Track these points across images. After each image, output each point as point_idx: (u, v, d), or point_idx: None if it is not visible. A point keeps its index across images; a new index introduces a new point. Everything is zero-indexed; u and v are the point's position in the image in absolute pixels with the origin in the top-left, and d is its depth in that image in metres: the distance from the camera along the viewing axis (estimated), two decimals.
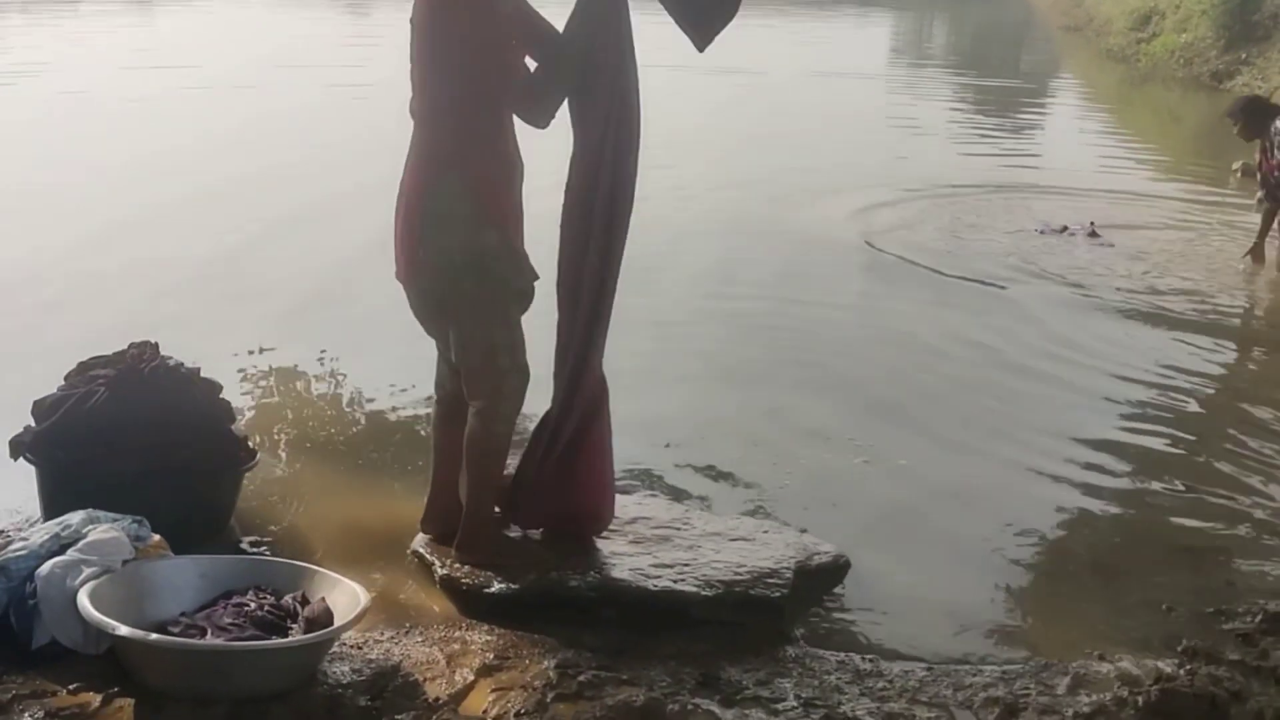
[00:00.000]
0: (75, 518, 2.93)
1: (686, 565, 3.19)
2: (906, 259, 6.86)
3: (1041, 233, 7.61)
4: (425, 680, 2.74)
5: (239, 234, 6.84)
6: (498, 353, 3.10)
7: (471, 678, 2.75)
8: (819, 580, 3.28)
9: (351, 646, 2.84)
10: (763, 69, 15.48)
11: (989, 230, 7.71)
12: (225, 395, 3.61)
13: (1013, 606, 3.42)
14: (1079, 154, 11.12)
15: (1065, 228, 7.63)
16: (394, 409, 4.54)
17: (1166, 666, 2.94)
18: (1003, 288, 6.44)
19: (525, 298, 3.16)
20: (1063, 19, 27.39)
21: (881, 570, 3.47)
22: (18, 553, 2.82)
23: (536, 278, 3.16)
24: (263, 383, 4.78)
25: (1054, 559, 3.72)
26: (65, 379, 3.47)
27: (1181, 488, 4.11)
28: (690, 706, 2.69)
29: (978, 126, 12.70)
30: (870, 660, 2.98)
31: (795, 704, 2.74)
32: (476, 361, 3.12)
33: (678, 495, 3.86)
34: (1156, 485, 4.16)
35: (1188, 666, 2.94)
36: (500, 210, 3.08)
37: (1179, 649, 3.04)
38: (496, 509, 3.31)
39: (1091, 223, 7.62)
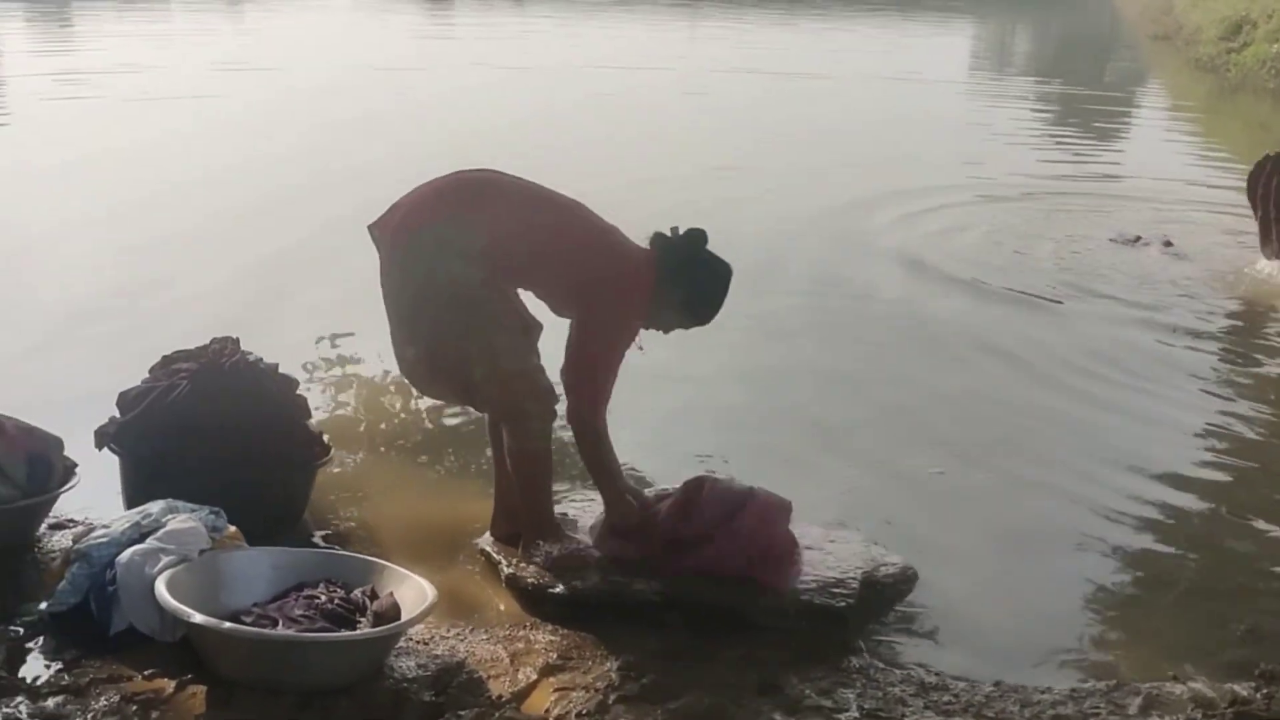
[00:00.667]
0: (155, 507, 3.01)
1: None
2: (978, 279, 6.73)
3: (1114, 241, 7.45)
4: (489, 678, 2.76)
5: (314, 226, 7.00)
6: (507, 380, 3.09)
7: (534, 676, 2.77)
8: (886, 592, 3.24)
9: (418, 642, 2.88)
10: (836, 73, 15.43)
11: (1052, 240, 7.55)
12: (301, 391, 3.69)
13: (1083, 625, 3.35)
14: (1162, 163, 10.90)
15: (1139, 238, 7.46)
16: (463, 406, 4.58)
17: (1243, 690, 2.85)
18: (1059, 302, 6.31)
19: (525, 332, 3.17)
20: (1151, 27, 26.79)
21: (950, 584, 3.42)
22: (99, 540, 2.91)
23: (537, 325, 3.20)
24: (336, 378, 4.87)
25: (1127, 578, 3.64)
26: (149, 372, 3.58)
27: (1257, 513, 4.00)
28: (753, 713, 2.68)
29: (1056, 133, 12.50)
30: (936, 674, 2.95)
31: (857, 715, 2.72)
32: (490, 390, 3.11)
33: None
34: (1229, 509, 4.05)
35: (1264, 690, 2.86)
36: (498, 272, 3.10)
37: (1256, 673, 2.96)
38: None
39: (1166, 237, 7.41)
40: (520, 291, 3.24)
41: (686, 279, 3.23)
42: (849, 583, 3.14)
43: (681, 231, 3.25)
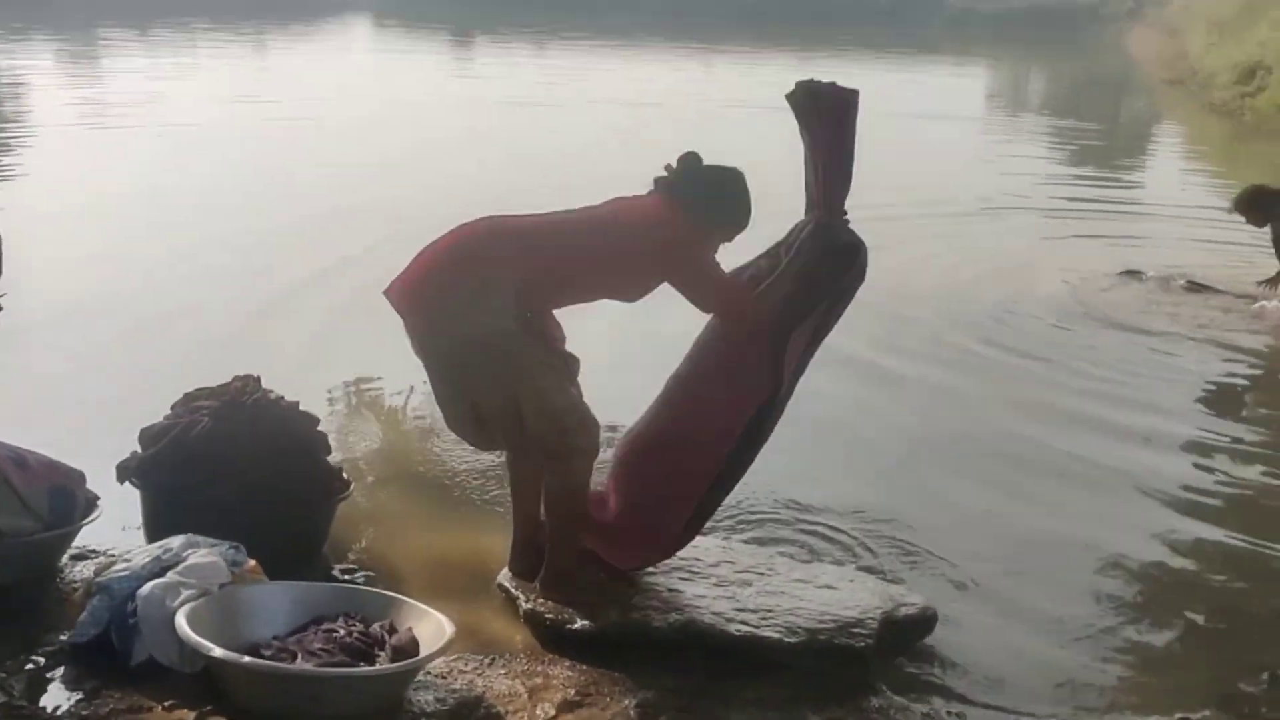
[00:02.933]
0: (176, 541, 3.02)
1: (770, 611, 3.17)
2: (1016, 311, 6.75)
3: (1125, 274, 7.52)
4: (507, 713, 2.76)
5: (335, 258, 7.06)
6: (557, 416, 3.10)
7: (552, 712, 2.77)
8: (906, 631, 3.23)
9: (436, 676, 2.88)
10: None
11: (1070, 274, 7.56)
12: (322, 427, 3.72)
13: (1105, 664, 3.33)
14: (1180, 202, 10.91)
15: (1146, 273, 7.51)
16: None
17: None
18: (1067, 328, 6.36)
19: (565, 367, 3.19)
20: (1165, 72, 26.89)
21: (971, 621, 3.42)
22: (120, 573, 2.92)
23: (575, 360, 3.23)
24: (357, 414, 4.89)
25: (1150, 617, 3.61)
26: (171, 409, 3.60)
27: None
28: None
29: (1072, 172, 12.54)
30: (956, 714, 2.93)
31: None
32: (541, 428, 3.10)
33: (762, 541, 3.85)
34: (1257, 547, 4.03)
35: None
36: (535, 309, 3.15)
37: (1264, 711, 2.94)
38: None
39: (1186, 278, 7.42)
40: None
41: (706, 201, 3.27)
42: (868, 623, 3.14)
43: (675, 165, 3.29)
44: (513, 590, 3.30)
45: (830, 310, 3.28)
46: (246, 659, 2.63)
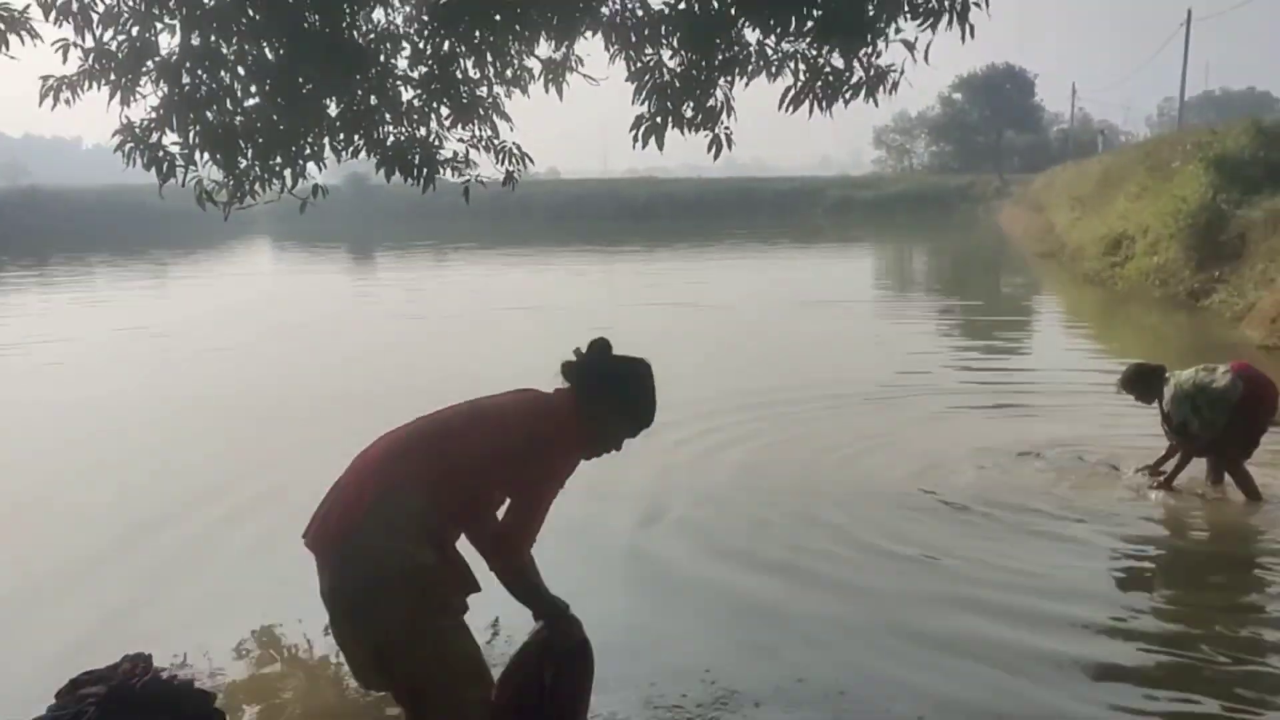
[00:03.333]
0: None
1: None
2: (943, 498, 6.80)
3: (1022, 455, 7.66)
4: None
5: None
6: (453, 663, 3.03)
7: None
8: None
9: None
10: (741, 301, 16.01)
11: (968, 458, 7.70)
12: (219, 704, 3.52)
13: None
14: (1067, 370, 11.31)
15: (1042, 453, 7.66)
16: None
17: None
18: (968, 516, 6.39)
19: (458, 608, 3.12)
20: (1037, 246, 28.50)
21: None
22: None
23: (477, 589, 3.15)
24: (262, 681, 4.66)
25: None
26: (57, 697, 3.38)
27: None
28: None
29: (964, 350, 12.99)
30: None
31: None
32: (433, 672, 3.02)
33: None
34: None
35: None
36: (442, 541, 3.08)
37: None
38: None
39: (1082, 456, 7.60)
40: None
41: (609, 390, 3.23)
42: None
43: (584, 350, 3.27)
44: None
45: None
46: None
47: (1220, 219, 17.21)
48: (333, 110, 6.07)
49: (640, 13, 5.72)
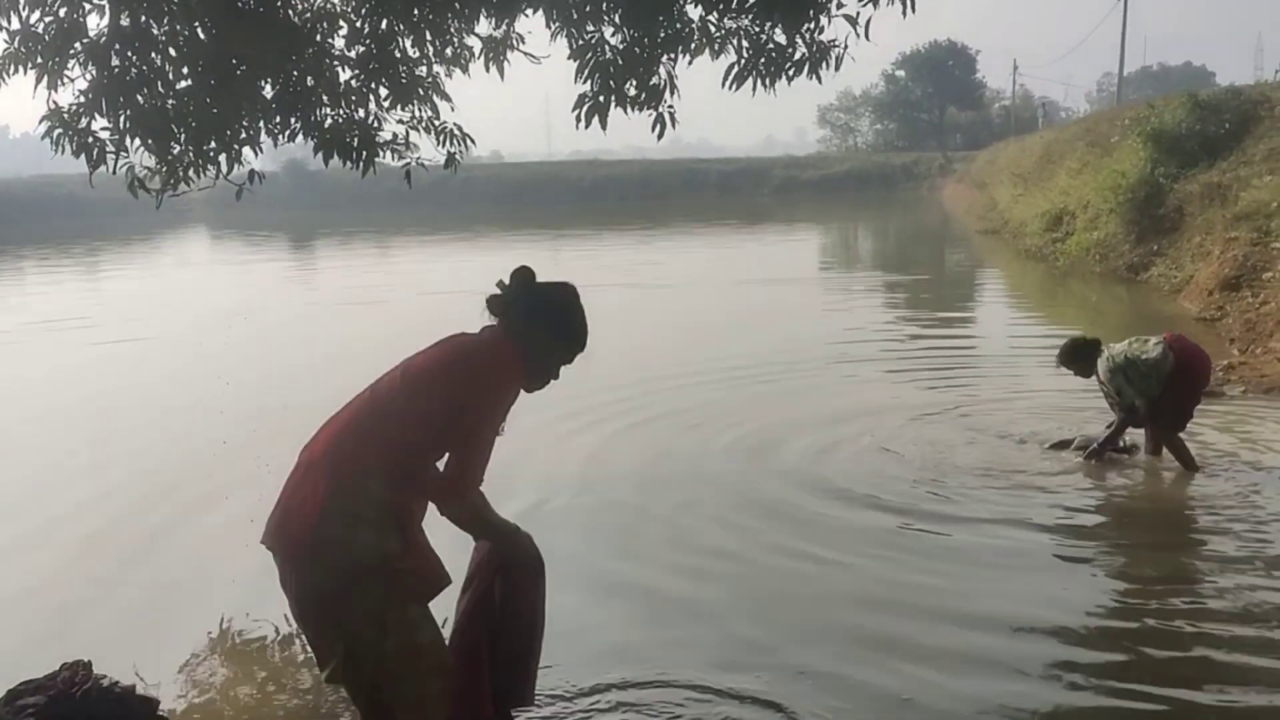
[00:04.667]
0: None
1: None
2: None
3: (971, 434, 7.68)
4: None
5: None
6: (419, 654, 2.98)
7: None
8: None
9: None
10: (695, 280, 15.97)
11: (919, 439, 7.69)
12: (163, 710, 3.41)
13: None
14: (1011, 344, 11.43)
15: (1023, 440, 7.63)
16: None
17: None
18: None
19: (425, 596, 3.06)
20: (979, 223, 28.80)
21: None
22: None
23: (448, 582, 3.09)
24: (207, 687, 4.53)
25: None
26: None
27: None
28: None
29: (907, 327, 13.06)
30: None
31: None
32: (399, 666, 2.97)
33: None
34: None
35: None
36: (407, 521, 3.02)
37: None
38: None
39: (1027, 437, 7.60)
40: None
41: (540, 316, 3.17)
42: None
43: (507, 282, 3.21)
44: None
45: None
46: None
47: (1158, 193, 17.47)
48: (268, 92, 5.91)
49: None
